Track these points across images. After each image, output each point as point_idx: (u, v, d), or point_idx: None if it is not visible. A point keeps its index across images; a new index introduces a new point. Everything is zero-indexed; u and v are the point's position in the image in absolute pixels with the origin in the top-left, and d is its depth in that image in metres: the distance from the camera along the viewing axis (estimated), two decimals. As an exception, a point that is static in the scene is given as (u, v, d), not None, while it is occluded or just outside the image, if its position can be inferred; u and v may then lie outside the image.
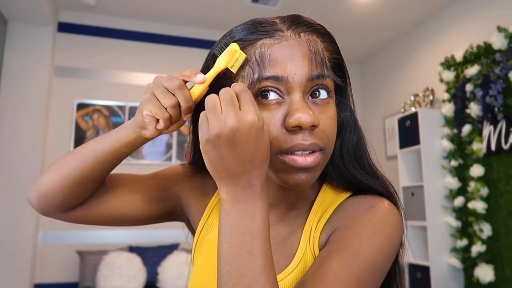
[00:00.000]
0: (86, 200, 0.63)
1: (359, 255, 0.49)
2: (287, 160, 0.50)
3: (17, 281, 2.92)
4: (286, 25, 0.54)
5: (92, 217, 0.64)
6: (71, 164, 0.60)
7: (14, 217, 2.97)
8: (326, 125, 0.52)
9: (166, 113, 0.53)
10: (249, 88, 0.51)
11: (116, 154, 0.59)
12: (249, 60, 0.52)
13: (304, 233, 0.57)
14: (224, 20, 3.63)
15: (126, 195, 0.65)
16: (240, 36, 0.54)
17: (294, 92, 0.51)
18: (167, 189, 0.68)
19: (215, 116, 0.46)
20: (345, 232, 0.52)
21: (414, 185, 3.14)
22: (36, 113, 3.14)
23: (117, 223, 0.66)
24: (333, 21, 3.59)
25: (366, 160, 0.61)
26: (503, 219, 2.66)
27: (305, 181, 0.51)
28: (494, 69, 2.70)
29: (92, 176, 0.60)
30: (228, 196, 0.47)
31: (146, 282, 2.97)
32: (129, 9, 3.49)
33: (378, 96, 4.23)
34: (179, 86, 0.52)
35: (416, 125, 3.10)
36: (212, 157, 0.47)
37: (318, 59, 0.52)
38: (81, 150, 0.60)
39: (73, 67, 3.44)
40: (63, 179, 0.60)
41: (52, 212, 0.62)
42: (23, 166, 3.04)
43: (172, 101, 0.52)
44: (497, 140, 2.71)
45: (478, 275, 2.70)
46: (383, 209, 0.54)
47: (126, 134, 0.57)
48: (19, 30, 3.17)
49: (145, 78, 3.60)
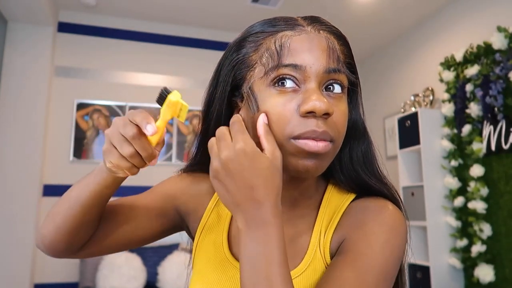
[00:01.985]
0: (92, 236, 0.64)
1: (374, 266, 0.50)
2: (299, 144, 0.51)
3: (17, 281, 2.92)
4: (306, 22, 0.56)
5: (101, 250, 0.65)
6: (61, 214, 0.60)
7: (14, 217, 2.97)
8: (338, 118, 0.53)
9: (128, 163, 0.52)
10: (267, 75, 0.53)
11: (100, 197, 0.58)
12: (268, 49, 0.54)
13: (313, 237, 0.58)
14: (224, 20, 3.63)
15: (128, 221, 0.65)
16: (261, 28, 0.56)
17: (311, 81, 0.52)
18: (165, 204, 0.68)
19: (213, 154, 0.49)
20: (358, 242, 0.53)
21: (414, 185, 3.14)
22: (36, 113, 3.14)
23: (125, 248, 0.67)
24: (333, 21, 3.57)
25: (376, 166, 0.62)
26: (503, 219, 2.66)
27: (314, 167, 0.52)
28: (494, 69, 2.70)
29: (86, 220, 0.60)
30: (241, 225, 0.48)
31: (146, 282, 2.97)
32: (129, 9, 3.49)
33: (378, 96, 4.23)
34: (133, 136, 0.50)
35: (416, 125, 3.10)
36: (220, 191, 0.49)
37: (335, 55, 0.54)
38: (67, 199, 0.60)
39: (73, 67, 3.44)
40: (60, 229, 0.60)
41: (62, 254, 0.64)
42: (23, 166, 3.04)
43: (130, 151, 0.50)
44: (497, 140, 2.71)
45: (478, 275, 2.70)
46: (390, 215, 0.55)
47: (103, 177, 0.56)
48: (19, 30, 3.17)
49: (145, 78, 3.61)
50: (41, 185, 3.14)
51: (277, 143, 0.51)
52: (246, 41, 0.57)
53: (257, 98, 0.54)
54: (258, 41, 0.56)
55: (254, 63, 0.55)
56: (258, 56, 0.55)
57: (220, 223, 0.65)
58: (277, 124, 0.51)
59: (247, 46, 0.56)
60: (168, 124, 3.52)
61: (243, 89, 0.56)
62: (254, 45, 0.56)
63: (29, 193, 3.04)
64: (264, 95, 0.53)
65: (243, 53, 0.56)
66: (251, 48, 0.56)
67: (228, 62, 0.58)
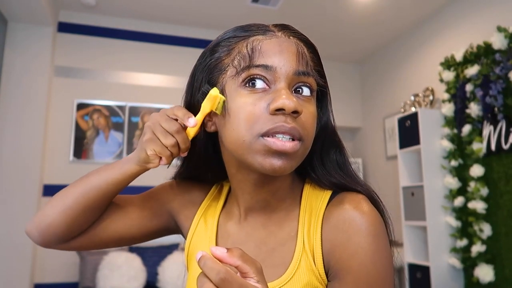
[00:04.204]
0: (86, 228, 0.66)
1: (375, 280, 0.52)
2: (267, 142, 0.51)
3: (17, 281, 2.92)
4: (277, 28, 0.58)
5: (92, 244, 0.67)
6: (75, 195, 0.62)
7: (14, 217, 2.97)
8: (307, 118, 0.54)
9: (168, 152, 0.58)
10: (238, 75, 0.54)
11: (119, 186, 0.63)
12: (240, 52, 0.55)
13: (298, 245, 0.58)
14: (224, 20, 3.63)
15: (122, 218, 0.68)
16: (234, 33, 0.58)
17: (281, 82, 0.53)
18: (160, 207, 0.71)
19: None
20: (350, 262, 0.53)
21: (414, 185, 3.14)
22: (36, 113, 3.14)
23: (116, 245, 0.69)
24: (333, 21, 3.59)
25: (349, 167, 0.62)
26: (503, 219, 2.66)
27: (281, 167, 0.52)
28: (494, 69, 2.70)
29: (95, 206, 0.63)
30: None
31: (146, 282, 2.97)
32: (129, 9, 3.49)
33: (378, 96, 4.23)
34: (177, 131, 0.57)
35: (416, 125, 3.10)
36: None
37: (305, 60, 0.56)
38: (84, 182, 0.63)
39: (73, 67, 3.44)
40: (67, 209, 0.62)
41: (53, 242, 0.65)
42: (23, 166, 3.04)
43: (172, 141, 0.57)
44: (497, 140, 2.71)
45: (478, 275, 2.70)
46: (368, 221, 0.54)
47: (131, 168, 0.62)
48: (19, 30, 3.17)
49: (145, 78, 3.61)
50: (41, 185, 3.14)
51: (246, 143, 0.53)
52: (219, 46, 0.59)
53: (228, 98, 0.55)
54: (231, 45, 0.57)
55: (226, 66, 0.57)
56: (231, 59, 0.56)
57: (208, 231, 0.67)
58: (246, 123, 0.52)
59: (219, 50, 0.58)
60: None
61: None
62: (226, 49, 0.57)
63: (29, 193, 3.04)
64: (235, 95, 0.54)
65: (216, 57, 0.58)
66: (223, 52, 0.58)
67: (201, 67, 0.60)
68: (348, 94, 4.49)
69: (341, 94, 4.41)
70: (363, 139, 4.45)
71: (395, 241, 0.62)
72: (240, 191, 0.62)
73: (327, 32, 3.78)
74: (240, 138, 0.53)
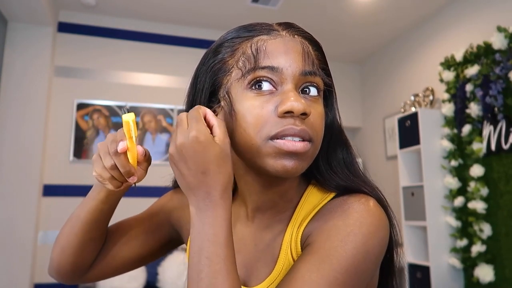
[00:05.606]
0: (96, 259, 0.67)
1: (330, 257, 0.47)
2: (277, 144, 0.50)
3: (17, 281, 2.92)
4: (281, 27, 0.57)
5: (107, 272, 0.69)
6: (65, 235, 0.64)
7: (14, 217, 2.97)
8: (315, 118, 0.53)
9: (108, 174, 0.56)
10: (244, 77, 0.53)
11: (99, 212, 0.62)
12: (245, 53, 0.54)
13: (285, 239, 0.57)
14: (224, 20, 3.63)
15: (127, 242, 0.69)
16: (237, 34, 0.57)
17: (288, 83, 0.52)
18: (161, 220, 0.72)
19: (172, 139, 0.51)
20: (318, 236, 0.51)
21: (414, 185, 3.14)
22: (36, 113, 3.14)
23: (130, 269, 0.71)
24: (333, 21, 3.59)
25: (356, 166, 0.61)
26: (503, 219, 2.66)
27: (293, 167, 0.51)
28: (494, 69, 2.70)
29: (88, 238, 0.63)
30: (193, 207, 0.50)
31: (146, 282, 2.97)
32: (129, 9, 3.49)
33: (378, 96, 4.23)
34: (114, 152, 0.55)
35: (416, 125, 3.10)
36: (176, 174, 0.51)
37: (311, 59, 0.55)
38: (69, 219, 0.64)
39: (73, 67, 3.44)
40: (65, 250, 0.64)
41: (70, 279, 0.67)
42: (23, 166, 3.04)
43: (110, 163, 0.56)
44: (497, 140, 2.71)
45: (478, 275, 2.70)
46: (360, 209, 0.52)
47: (97, 191, 0.61)
48: (19, 30, 3.17)
49: (145, 78, 3.61)
50: (41, 185, 3.14)
51: (255, 146, 0.51)
52: (222, 47, 0.57)
53: (234, 101, 0.53)
54: (234, 46, 0.56)
55: (230, 67, 0.55)
56: (235, 60, 0.55)
57: None
58: (254, 126, 0.51)
59: (223, 51, 0.57)
60: (169, 124, 3.53)
61: (220, 94, 0.56)
62: (230, 50, 0.56)
63: (29, 193, 3.04)
64: (241, 98, 0.53)
65: (219, 58, 0.57)
66: (227, 53, 0.56)
67: (204, 69, 0.58)
68: (348, 94, 4.49)
69: (341, 94, 4.36)
70: (363, 139, 4.45)
71: (400, 243, 0.58)
72: (248, 192, 0.61)
73: (327, 32, 3.78)
74: (248, 142, 0.52)
